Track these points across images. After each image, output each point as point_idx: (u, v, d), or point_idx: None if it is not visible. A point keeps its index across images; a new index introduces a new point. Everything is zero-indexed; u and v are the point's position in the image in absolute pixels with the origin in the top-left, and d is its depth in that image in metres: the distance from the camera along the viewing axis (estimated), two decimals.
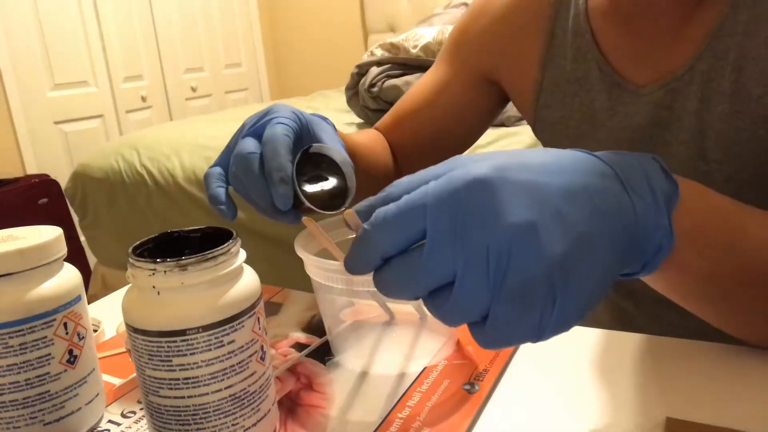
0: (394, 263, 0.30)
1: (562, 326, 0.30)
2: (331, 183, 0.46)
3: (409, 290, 0.30)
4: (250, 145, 0.47)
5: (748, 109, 0.52)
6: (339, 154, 0.47)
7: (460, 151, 0.78)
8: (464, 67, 0.73)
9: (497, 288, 0.28)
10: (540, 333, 0.29)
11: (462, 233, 0.28)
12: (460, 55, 0.73)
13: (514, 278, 0.28)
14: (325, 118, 0.54)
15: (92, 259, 2.22)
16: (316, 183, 0.46)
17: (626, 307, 0.68)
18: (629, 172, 0.33)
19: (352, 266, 0.32)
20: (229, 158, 0.49)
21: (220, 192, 0.49)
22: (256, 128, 0.49)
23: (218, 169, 0.51)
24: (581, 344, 0.49)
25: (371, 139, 0.72)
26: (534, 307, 0.28)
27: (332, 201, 0.46)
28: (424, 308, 0.48)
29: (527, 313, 0.28)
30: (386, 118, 0.78)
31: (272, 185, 0.45)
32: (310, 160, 0.46)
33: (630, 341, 0.48)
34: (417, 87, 0.77)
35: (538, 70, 0.66)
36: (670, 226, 0.33)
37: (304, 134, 0.51)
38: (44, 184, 2.44)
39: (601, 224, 0.30)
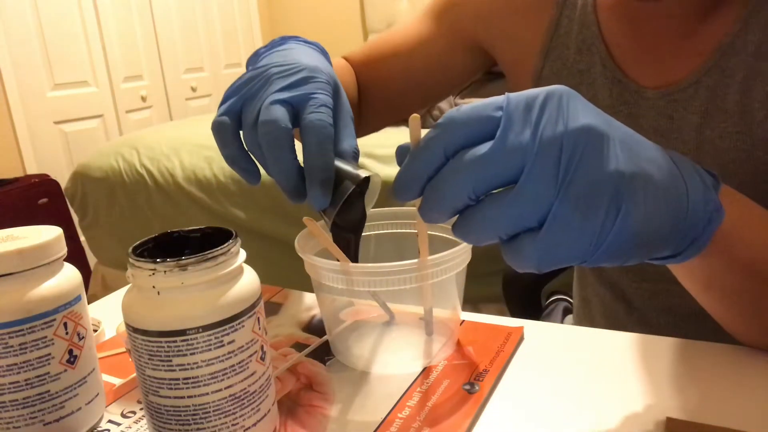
0: (459, 157, 0.30)
1: (618, 247, 0.30)
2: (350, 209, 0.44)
3: (473, 180, 0.29)
4: (281, 114, 0.41)
5: (750, 130, 0.52)
6: (371, 197, 0.45)
7: (425, 105, 0.76)
8: (452, 29, 0.70)
9: (564, 185, 0.28)
10: (596, 247, 0.29)
11: (536, 126, 0.29)
12: (451, 15, 0.70)
13: (582, 179, 0.28)
14: (323, 52, 0.52)
15: (92, 259, 2.22)
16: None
17: (617, 310, 0.68)
18: (676, 155, 0.34)
19: (412, 165, 0.31)
20: (239, 107, 0.44)
21: (241, 153, 0.44)
22: (290, 99, 0.42)
23: (229, 121, 0.44)
24: (581, 344, 0.49)
25: (338, 69, 0.70)
26: (596, 213, 0.29)
27: (348, 226, 0.45)
28: (431, 323, 0.48)
29: (589, 219, 0.29)
30: (359, 53, 0.74)
31: (313, 183, 0.41)
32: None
33: (630, 341, 0.48)
34: (398, 32, 0.73)
35: (540, 57, 0.64)
36: (718, 201, 0.35)
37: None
38: (44, 184, 2.44)
39: (660, 174, 0.31)
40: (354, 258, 0.45)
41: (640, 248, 0.31)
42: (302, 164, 0.42)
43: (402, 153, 0.33)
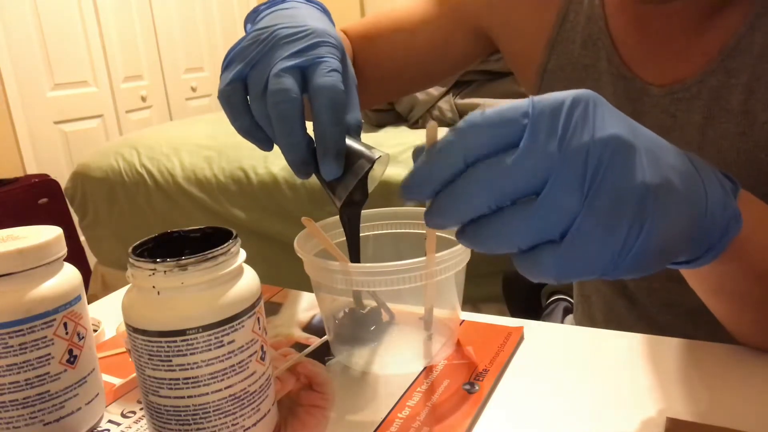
0: (480, 165, 0.29)
1: (639, 261, 0.29)
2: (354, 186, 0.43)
3: (496, 190, 0.28)
4: (291, 84, 0.40)
5: (752, 132, 0.52)
6: (377, 174, 0.44)
7: (423, 87, 0.75)
8: (458, 11, 0.69)
9: (589, 198, 0.28)
10: (617, 261, 0.29)
11: (562, 135, 0.28)
12: None
13: (608, 192, 0.28)
14: (326, 12, 0.51)
15: (92, 259, 2.22)
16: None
17: (618, 306, 0.68)
18: (696, 159, 0.34)
19: (427, 167, 0.30)
20: (246, 73, 0.42)
21: (253, 123, 0.43)
22: (299, 63, 0.41)
23: (238, 90, 0.42)
24: (581, 344, 0.49)
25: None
26: (620, 227, 0.28)
27: (355, 206, 0.45)
28: (431, 321, 0.48)
29: (612, 233, 0.28)
30: (358, 26, 0.72)
31: (326, 154, 0.40)
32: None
33: (630, 341, 0.48)
34: (400, 10, 0.71)
35: (545, 50, 0.64)
36: (737, 208, 0.34)
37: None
38: (44, 184, 2.44)
39: (682, 182, 0.31)
40: (356, 242, 0.45)
41: (660, 260, 0.31)
42: (312, 133, 0.41)
43: (419, 154, 0.31)
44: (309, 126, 0.42)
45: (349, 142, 0.41)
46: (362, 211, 0.47)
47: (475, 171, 0.29)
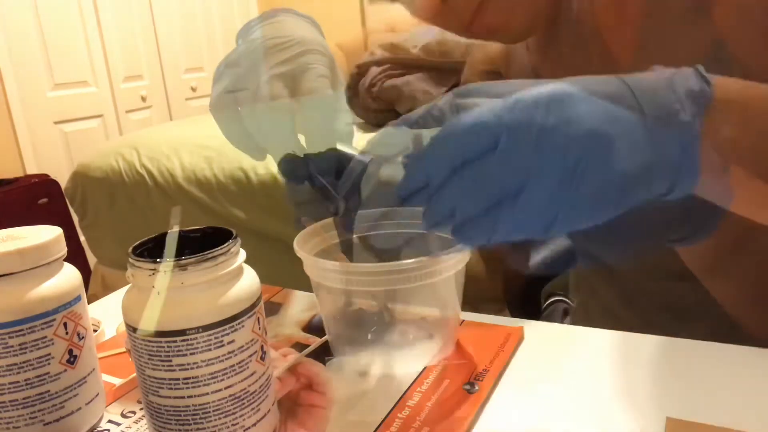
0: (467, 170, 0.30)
1: (620, 235, 0.31)
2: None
3: (481, 194, 0.29)
4: (280, 91, 0.41)
5: None
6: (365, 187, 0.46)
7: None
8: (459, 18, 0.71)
9: (571, 194, 0.29)
10: (603, 245, 0.31)
11: (539, 134, 0.29)
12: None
13: (588, 186, 0.29)
14: (315, 24, 0.51)
15: (92, 259, 2.22)
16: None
17: (616, 307, 0.68)
18: (651, 100, 0.33)
19: (414, 178, 0.31)
20: (236, 84, 0.43)
21: (244, 133, 0.43)
22: (288, 71, 0.42)
23: (228, 101, 0.42)
24: (581, 344, 0.49)
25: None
26: (604, 217, 0.29)
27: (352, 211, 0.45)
28: (448, 321, 0.48)
29: (596, 219, 0.29)
30: (357, 39, 0.74)
31: (315, 161, 0.41)
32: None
33: (630, 341, 0.48)
34: (398, 17, 0.74)
35: (538, 54, 0.64)
36: (694, 126, 0.33)
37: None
38: (44, 184, 2.44)
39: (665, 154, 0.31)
40: (350, 247, 0.45)
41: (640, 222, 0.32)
42: (302, 140, 0.41)
43: (410, 161, 0.33)
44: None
45: (339, 147, 0.41)
46: (364, 212, 0.47)
47: (460, 178, 0.30)
